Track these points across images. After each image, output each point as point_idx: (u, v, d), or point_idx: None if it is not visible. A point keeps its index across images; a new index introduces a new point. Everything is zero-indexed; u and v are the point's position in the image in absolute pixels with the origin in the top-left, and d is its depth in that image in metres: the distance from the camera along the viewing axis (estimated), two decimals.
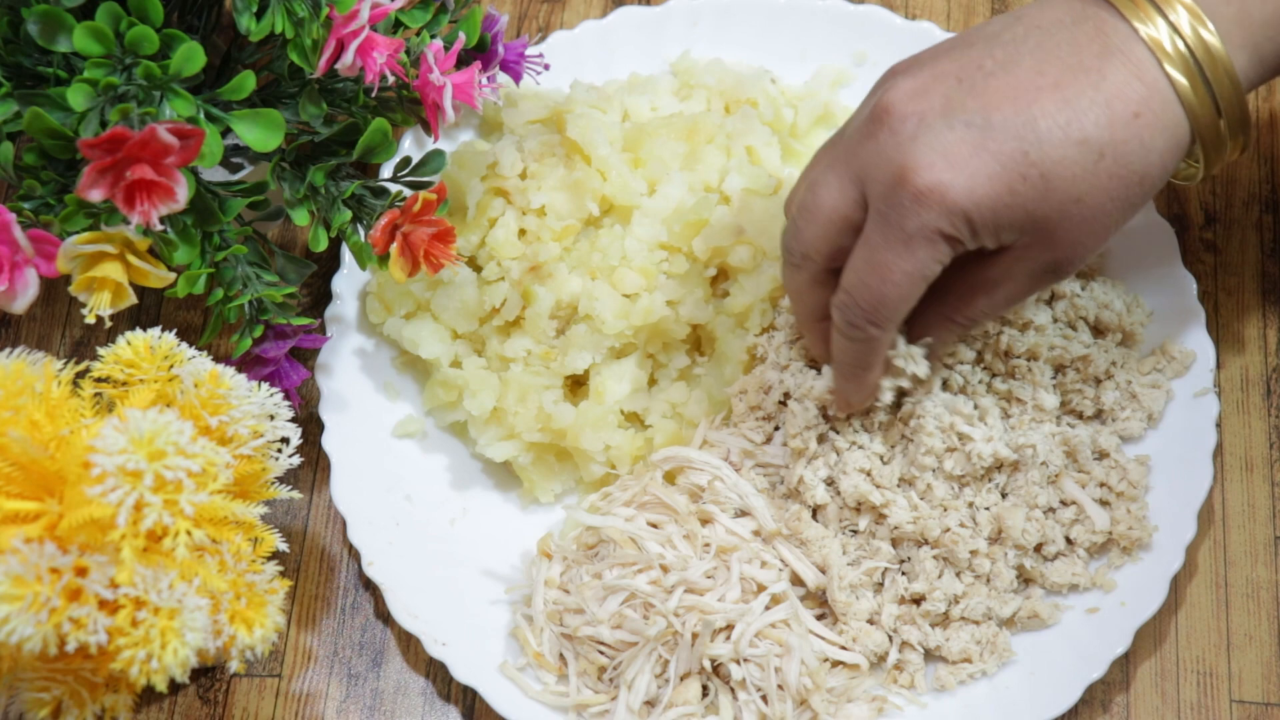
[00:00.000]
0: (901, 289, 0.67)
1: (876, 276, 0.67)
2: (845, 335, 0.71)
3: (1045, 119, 0.64)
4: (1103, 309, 0.81)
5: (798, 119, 0.90)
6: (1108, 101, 0.65)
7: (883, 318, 0.69)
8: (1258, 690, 0.77)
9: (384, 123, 0.75)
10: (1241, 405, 0.83)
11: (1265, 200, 0.88)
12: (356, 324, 0.86)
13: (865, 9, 0.91)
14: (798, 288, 0.74)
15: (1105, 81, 0.65)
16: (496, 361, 0.82)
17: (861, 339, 0.70)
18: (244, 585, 0.70)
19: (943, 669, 0.76)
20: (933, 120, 0.65)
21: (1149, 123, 0.65)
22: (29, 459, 0.65)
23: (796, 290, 0.74)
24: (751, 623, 0.73)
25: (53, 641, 0.64)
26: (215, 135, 0.70)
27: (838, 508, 0.77)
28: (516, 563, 0.81)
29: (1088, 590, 0.77)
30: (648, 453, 0.81)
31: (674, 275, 0.82)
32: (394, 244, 0.73)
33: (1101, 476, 0.78)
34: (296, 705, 0.79)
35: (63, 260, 0.68)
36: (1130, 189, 0.66)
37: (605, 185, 0.82)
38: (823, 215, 0.69)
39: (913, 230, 0.66)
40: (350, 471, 0.81)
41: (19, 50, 0.72)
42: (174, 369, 0.71)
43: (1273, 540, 0.80)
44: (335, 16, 0.71)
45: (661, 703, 0.74)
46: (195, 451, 0.64)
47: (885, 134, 0.66)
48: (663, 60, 0.92)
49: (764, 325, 0.83)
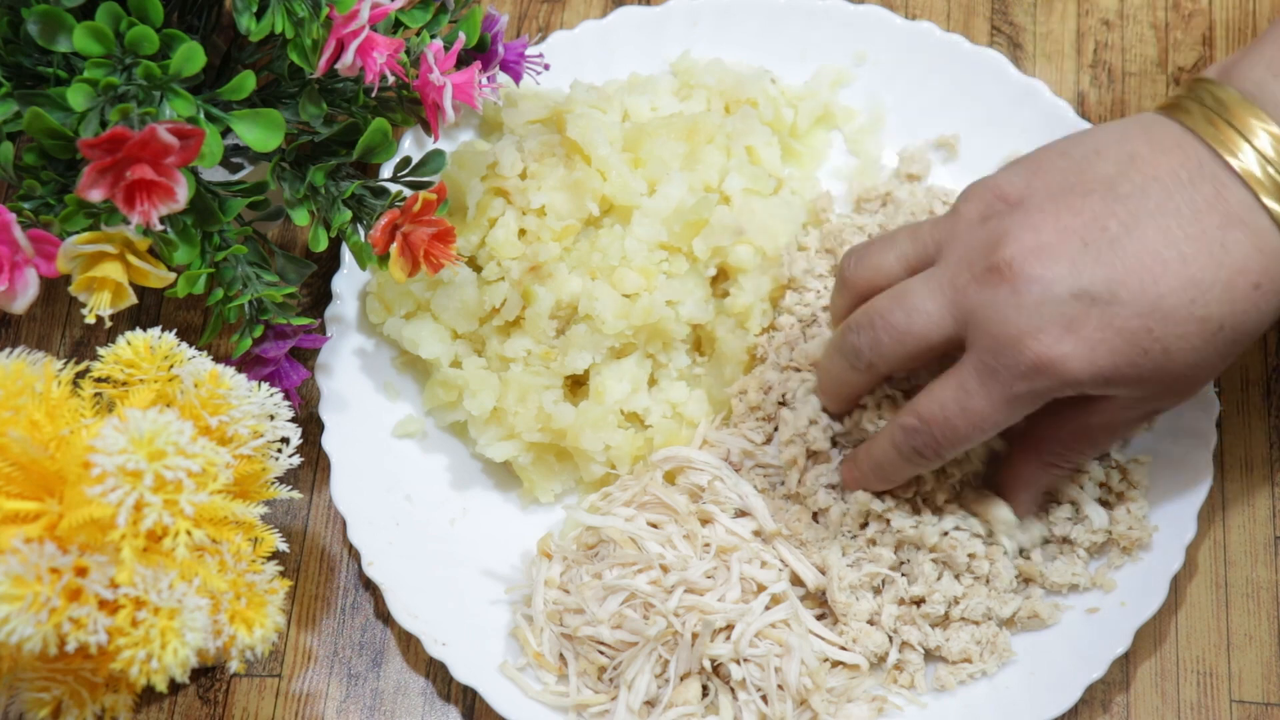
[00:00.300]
0: (983, 434, 0.68)
1: (964, 419, 0.68)
2: (902, 456, 0.71)
3: (1171, 297, 0.64)
4: None
5: (798, 119, 0.90)
6: (1230, 280, 0.65)
7: (950, 452, 0.70)
8: (1258, 690, 0.77)
9: (384, 123, 0.75)
10: (1241, 405, 0.83)
11: None
12: (356, 324, 0.86)
13: (865, 9, 0.91)
14: (847, 385, 0.74)
15: (1229, 256, 0.65)
16: (496, 361, 0.82)
17: (918, 463, 0.71)
18: (244, 585, 0.70)
19: (943, 669, 0.76)
20: (1059, 290, 0.65)
21: (1267, 291, 0.66)
22: (29, 459, 0.65)
23: (843, 385, 0.75)
24: (751, 623, 0.73)
25: (53, 641, 0.64)
26: (215, 135, 0.70)
27: (841, 512, 0.77)
28: (516, 563, 0.81)
29: (1088, 590, 0.77)
30: (648, 453, 0.81)
31: (674, 275, 0.82)
32: (394, 244, 0.73)
33: (1101, 476, 0.78)
34: (296, 705, 0.79)
35: (63, 260, 0.68)
36: (1240, 347, 0.67)
37: (605, 185, 0.82)
38: (912, 341, 0.69)
39: (1019, 392, 0.66)
40: (350, 471, 0.81)
41: (19, 50, 0.72)
42: (174, 369, 0.71)
43: (1273, 540, 0.80)
44: (335, 16, 0.71)
45: (661, 703, 0.74)
46: (195, 451, 0.64)
47: (1006, 292, 0.65)
48: (663, 60, 0.92)
49: (764, 325, 0.83)
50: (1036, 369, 0.65)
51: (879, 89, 0.91)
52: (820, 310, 0.82)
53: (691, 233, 0.81)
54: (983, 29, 0.94)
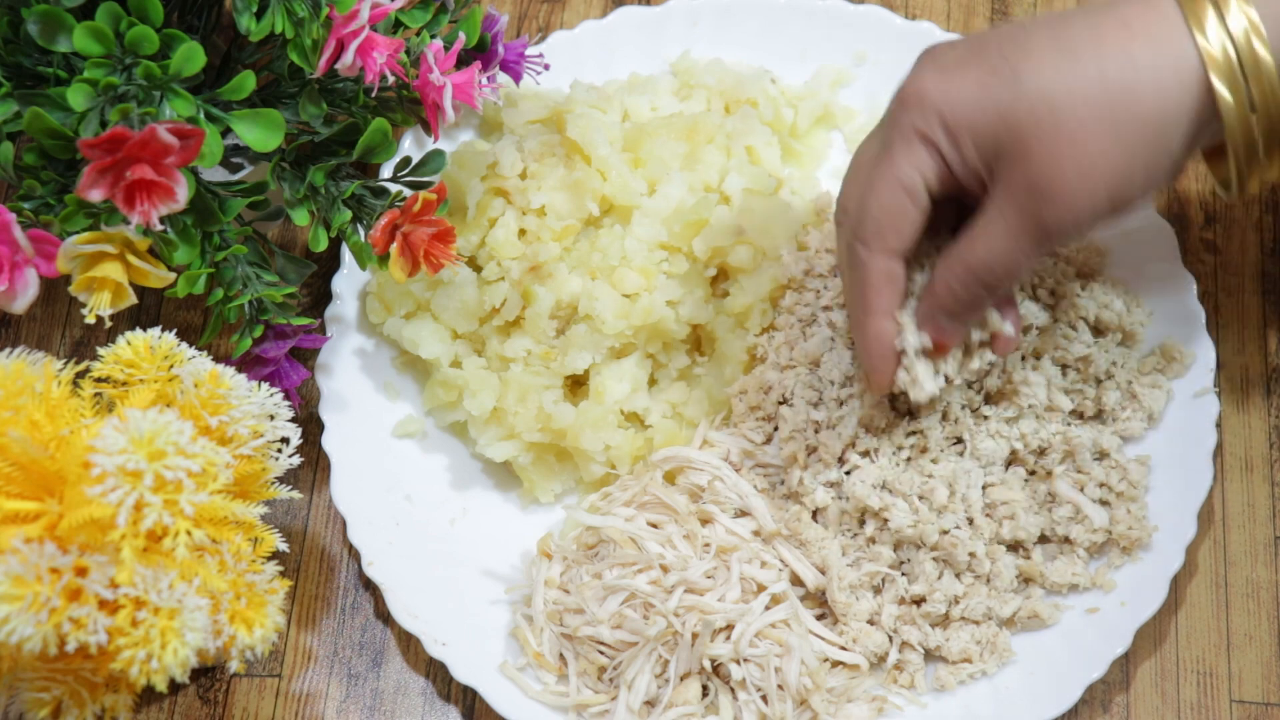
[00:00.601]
0: (883, 199, 0.67)
1: (869, 193, 0.68)
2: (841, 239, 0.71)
3: (1037, 34, 0.65)
4: (1103, 309, 0.81)
5: (798, 119, 0.90)
6: (1099, 22, 0.64)
7: (868, 234, 0.68)
8: (1258, 690, 0.77)
9: (384, 123, 0.75)
10: (1241, 405, 0.83)
11: (1265, 200, 0.88)
12: (356, 324, 0.86)
13: (865, 9, 0.91)
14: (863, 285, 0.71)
15: (1112, 10, 0.64)
16: (496, 361, 0.82)
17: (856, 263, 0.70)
18: (244, 585, 0.70)
19: (943, 669, 0.76)
20: (944, 53, 0.67)
21: (1145, 45, 0.63)
22: (29, 459, 0.65)
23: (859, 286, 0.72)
24: (751, 623, 0.73)
25: (53, 641, 0.64)
26: (215, 135, 0.70)
27: (839, 510, 0.77)
28: (516, 563, 0.81)
29: (1088, 590, 0.77)
30: (648, 453, 0.81)
31: (674, 275, 0.82)
32: (394, 244, 0.73)
33: (1101, 476, 0.78)
34: (296, 705, 0.79)
35: (63, 260, 0.68)
36: (1118, 113, 0.63)
37: (605, 185, 0.82)
38: (869, 181, 0.70)
39: (893, 135, 0.67)
40: (350, 471, 0.81)
41: (19, 50, 0.72)
42: (174, 369, 0.71)
43: (1273, 540, 0.80)
44: (335, 16, 0.71)
45: (661, 703, 0.74)
46: (195, 451, 0.64)
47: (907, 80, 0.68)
48: (663, 60, 0.92)
49: (764, 325, 0.83)
50: (903, 102, 0.67)
51: (879, 89, 0.91)
52: (820, 310, 0.82)
53: (691, 233, 0.81)
54: (982, 28, 0.94)
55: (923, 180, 0.67)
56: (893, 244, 0.69)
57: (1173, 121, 0.64)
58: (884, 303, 0.71)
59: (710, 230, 0.81)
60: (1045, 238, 0.66)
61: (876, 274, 0.70)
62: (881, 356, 0.72)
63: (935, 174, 0.67)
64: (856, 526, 0.77)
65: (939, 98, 0.65)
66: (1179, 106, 0.64)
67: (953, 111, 0.65)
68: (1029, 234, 0.66)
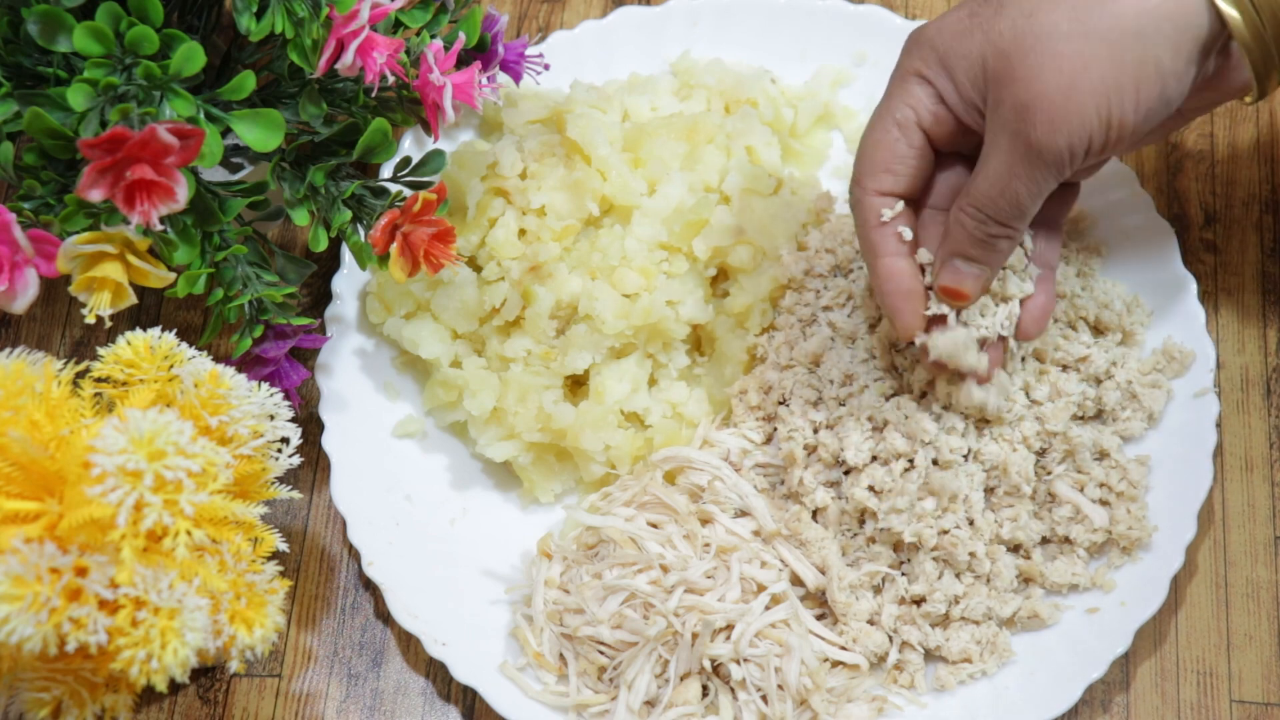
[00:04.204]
0: (875, 135, 0.69)
1: (865, 134, 0.70)
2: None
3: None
4: (1103, 309, 0.81)
5: (798, 119, 0.90)
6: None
7: (862, 172, 0.70)
8: (1258, 690, 0.77)
9: (384, 123, 0.75)
10: (1241, 405, 0.83)
11: (1265, 200, 0.88)
12: (356, 324, 0.86)
13: (865, 9, 0.91)
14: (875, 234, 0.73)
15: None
16: (496, 361, 0.82)
17: (854, 205, 0.71)
18: (244, 585, 0.70)
19: (943, 669, 0.76)
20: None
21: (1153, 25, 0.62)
22: (29, 459, 0.65)
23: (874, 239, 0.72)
24: (751, 623, 0.73)
25: (53, 641, 0.64)
26: (215, 135, 0.70)
27: (839, 510, 0.77)
28: (516, 563, 0.81)
29: (1088, 590, 0.77)
30: (648, 453, 0.81)
31: (674, 275, 0.82)
32: (394, 244, 0.73)
33: (1101, 476, 0.78)
34: (296, 705, 0.79)
35: (63, 260, 0.68)
36: (1099, 25, 0.63)
37: (605, 185, 0.82)
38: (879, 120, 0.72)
39: (892, 80, 0.69)
40: (350, 471, 0.81)
41: (19, 50, 0.72)
42: (174, 369, 0.71)
43: (1273, 540, 0.80)
44: (335, 16, 0.71)
45: (661, 703, 0.74)
46: (195, 451, 0.64)
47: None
48: (663, 60, 0.92)
49: (764, 325, 0.83)
50: (904, 49, 0.69)
51: (879, 89, 0.90)
52: (820, 310, 0.82)
53: (691, 233, 0.81)
54: None
55: (915, 116, 0.68)
56: (886, 183, 0.70)
57: (1154, 30, 0.63)
58: (888, 243, 0.71)
59: (710, 230, 0.81)
60: (1038, 159, 0.65)
61: (872, 212, 0.71)
62: (897, 295, 0.71)
63: (930, 110, 0.68)
64: (856, 526, 0.77)
65: (933, 33, 0.67)
66: (1159, 13, 0.63)
67: (945, 43, 0.67)
68: (1022, 157, 0.65)
